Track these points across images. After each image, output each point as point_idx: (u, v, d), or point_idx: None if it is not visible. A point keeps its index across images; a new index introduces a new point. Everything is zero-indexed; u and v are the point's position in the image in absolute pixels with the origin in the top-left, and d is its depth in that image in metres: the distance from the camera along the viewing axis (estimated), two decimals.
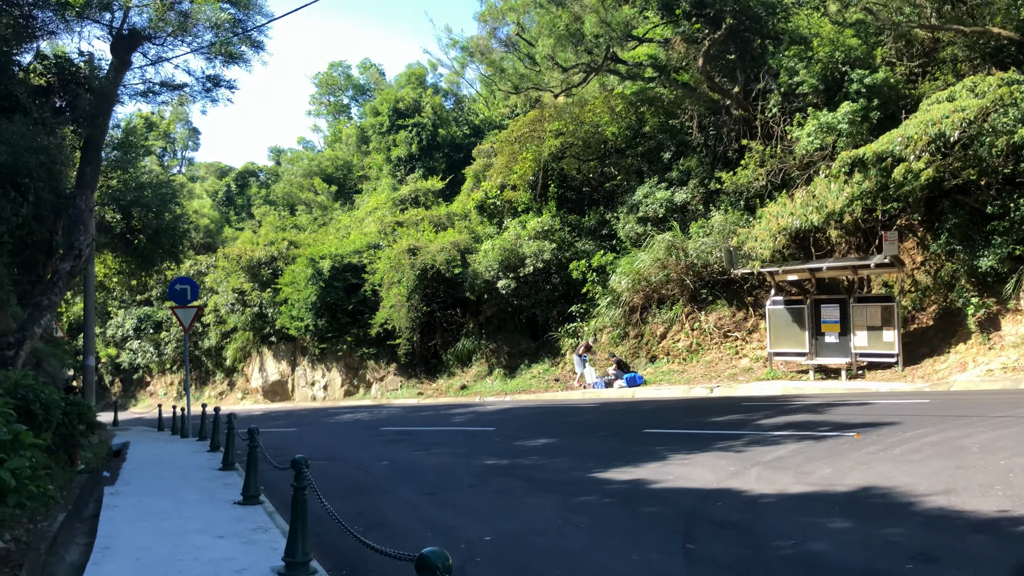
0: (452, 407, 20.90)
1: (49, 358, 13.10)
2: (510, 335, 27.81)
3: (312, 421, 20.36)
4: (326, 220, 41.27)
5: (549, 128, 27.35)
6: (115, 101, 12.05)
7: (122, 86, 12.23)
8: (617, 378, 22.98)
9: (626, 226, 24.80)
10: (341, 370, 31.57)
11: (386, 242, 31.43)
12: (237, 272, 33.62)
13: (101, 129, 11.06)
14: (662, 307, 23.28)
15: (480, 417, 16.76)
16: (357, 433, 15.96)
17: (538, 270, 25.84)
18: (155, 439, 17.64)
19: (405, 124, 42.57)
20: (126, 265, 23.28)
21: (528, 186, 28.72)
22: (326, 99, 64.87)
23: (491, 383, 26.69)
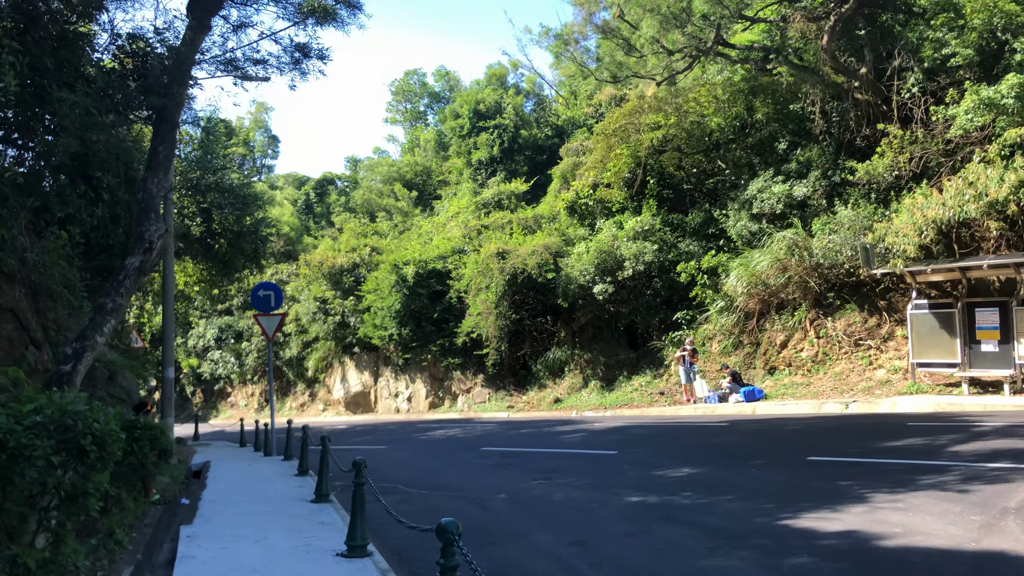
0: (553, 424, 19.07)
1: (124, 370, 11.80)
2: (606, 344, 25.86)
3: (401, 437, 18.81)
4: (407, 226, 40.06)
5: (645, 121, 25.36)
6: (192, 65, 10.69)
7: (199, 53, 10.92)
8: (732, 392, 20.82)
9: (737, 224, 22.61)
10: (425, 381, 30.10)
11: (471, 247, 29.89)
12: (319, 280, 32.56)
13: (176, 101, 9.76)
14: (782, 313, 21.01)
15: (593, 437, 14.88)
16: (456, 454, 14.26)
17: (638, 273, 23.85)
18: (237, 457, 16.33)
19: (486, 126, 41.13)
20: (206, 272, 22.25)
21: (623, 184, 26.78)
22: (402, 107, 64.22)
23: (587, 396, 24.79)
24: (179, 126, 9.87)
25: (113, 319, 7.29)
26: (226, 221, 19.30)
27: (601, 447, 13.10)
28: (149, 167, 8.39)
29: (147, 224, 7.83)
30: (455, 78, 61.29)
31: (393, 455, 15.00)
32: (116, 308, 7.23)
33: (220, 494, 10.19)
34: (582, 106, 44.17)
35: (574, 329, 26.49)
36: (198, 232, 19.09)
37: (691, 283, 23.08)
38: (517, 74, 45.70)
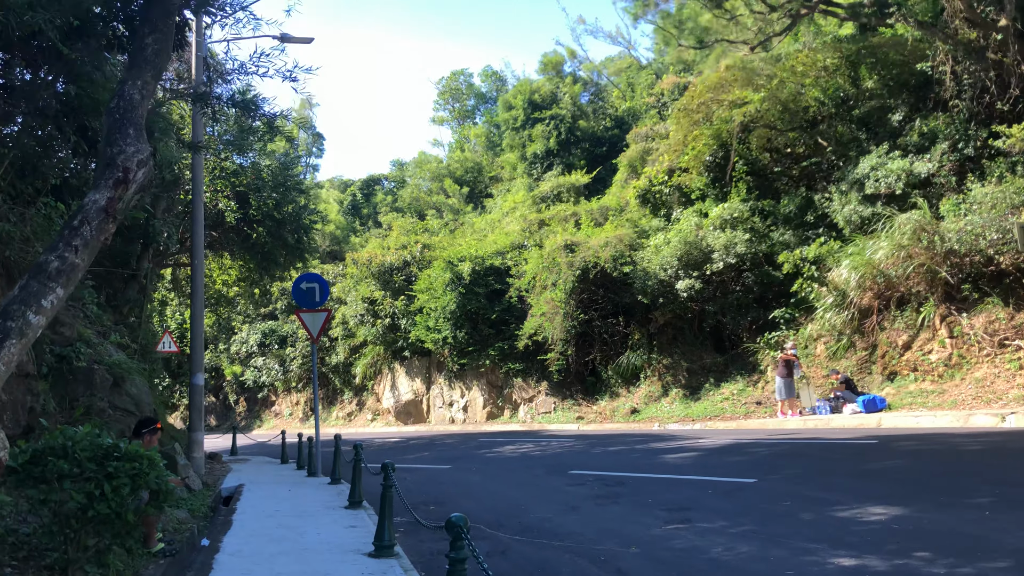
0: (641, 439, 16.30)
1: (133, 375, 9.38)
2: (689, 348, 22.99)
3: (465, 454, 16.21)
4: (458, 224, 37.61)
5: (728, 98, 22.47)
6: None
7: None
8: (846, 401, 17.85)
9: (845, 208, 19.63)
10: (483, 388, 27.50)
11: (531, 241, 27.27)
12: (367, 280, 30.19)
13: None
14: (904, 309, 17.97)
15: (707, 459, 12.09)
16: (540, 478, 11.60)
17: (729, 267, 20.98)
18: (277, 478, 13.88)
19: (541, 117, 38.53)
20: (245, 268, 19.96)
21: (704, 168, 23.91)
22: (449, 106, 62.08)
23: (669, 407, 21.95)
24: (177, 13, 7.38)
25: (60, 287, 4.83)
26: (265, 206, 16.96)
27: (727, 472, 10.32)
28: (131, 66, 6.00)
29: (121, 142, 5.37)
30: (502, 78, 59.00)
31: (462, 479, 12.38)
32: (65, 271, 4.79)
33: (247, 539, 7.65)
34: (642, 96, 41.38)
35: (651, 331, 23.67)
36: (233, 219, 16.75)
37: (792, 276, 20.16)
38: (573, 63, 43.05)
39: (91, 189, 5.31)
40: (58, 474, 4.65)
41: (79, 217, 5.06)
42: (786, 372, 17.66)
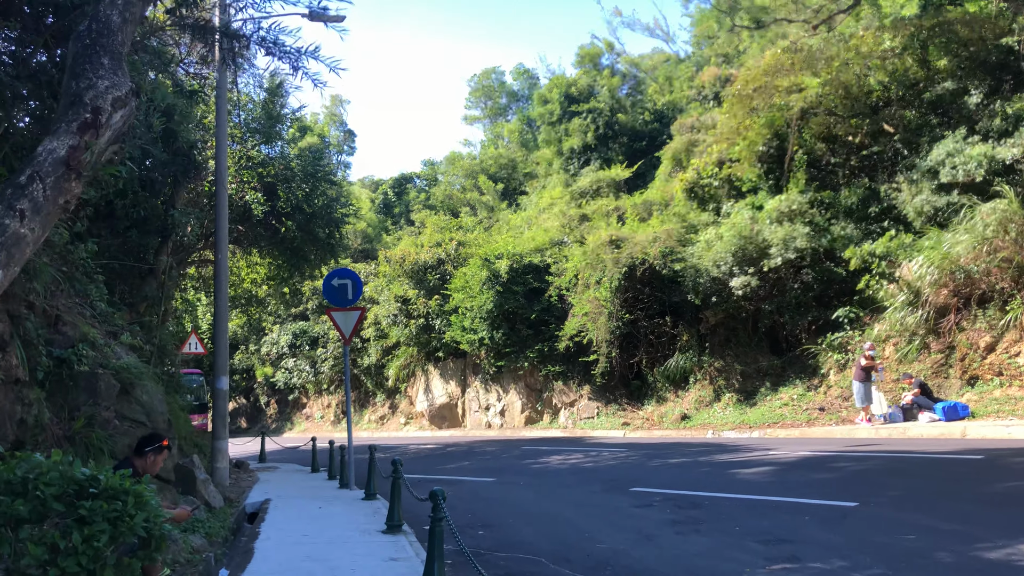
0: (703, 450, 14.96)
1: (145, 380, 8.27)
2: (743, 349, 21.56)
3: (509, 465, 14.98)
4: (493, 222, 36.38)
5: (782, 84, 21.01)
6: None
7: None
8: (922, 408, 16.38)
9: (916, 198, 18.12)
10: (521, 392, 26.27)
11: (572, 237, 26.00)
12: (400, 279, 29.08)
13: None
14: (986, 307, 16.43)
15: (785, 475, 10.75)
16: (599, 496, 10.33)
17: (787, 263, 19.55)
18: (306, 491, 12.76)
19: (579, 111, 37.17)
20: (273, 265, 18.91)
21: (757, 159, 22.46)
22: (481, 103, 61.00)
23: (722, 412, 20.57)
24: None
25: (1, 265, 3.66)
26: (294, 198, 15.86)
27: (817, 493, 8.98)
28: None
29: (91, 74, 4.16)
30: (534, 76, 57.76)
31: (510, 495, 11.16)
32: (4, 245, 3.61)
33: (274, 569, 6.48)
34: (682, 89, 39.92)
35: (701, 331, 22.28)
36: (260, 212, 15.67)
37: (857, 273, 18.72)
38: (611, 55, 41.63)
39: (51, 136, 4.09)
40: (13, 518, 3.49)
41: (28, 172, 3.84)
42: (864, 376, 16.20)
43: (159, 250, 11.58)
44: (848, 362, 18.89)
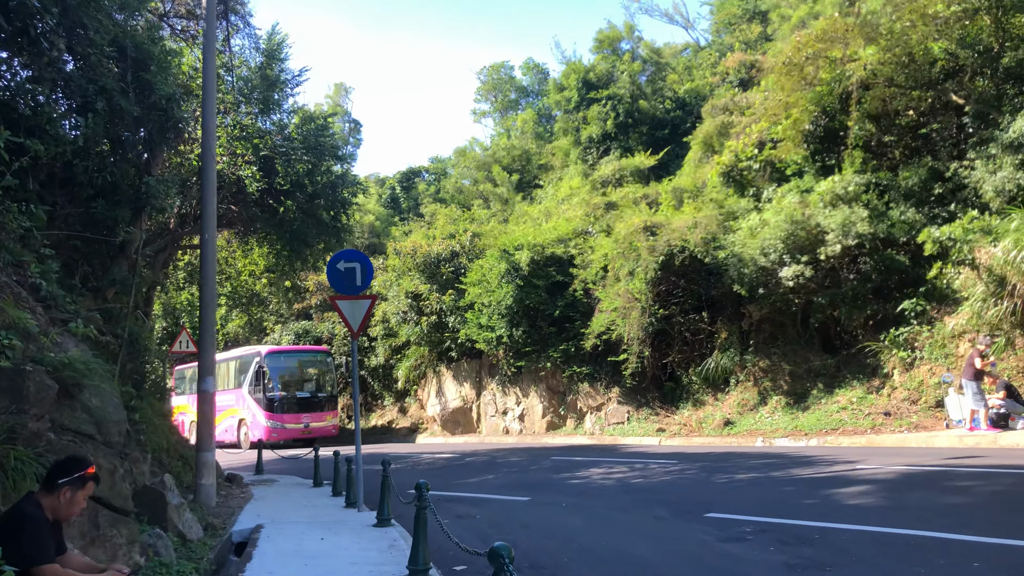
0: (771, 463, 12.93)
1: (94, 380, 6.31)
2: (791, 347, 19.50)
3: (542, 480, 12.94)
4: (507, 215, 34.36)
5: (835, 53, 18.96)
6: None
7: None
8: (1013, 413, 14.32)
9: (997, 175, 16.06)
10: (542, 395, 24.22)
11: (597, 227, 23.97)
12: (411, 273, 27.06)
13: None
14: None
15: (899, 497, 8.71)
16: (666, 524, 8.31)
17: (845, 250, 17.51)
18: (307, 513, 10.75)
19: (597, 97, 35.13)
20: (273, 254, 16.92)
21: (803, 138, 20.41)
22: (491, 96, 59.13)
23: (770, 417, 18.52)
24: None
25: None
26: (294, 173, 13.88)
27: (962, 526, 6.93)
28: None
29: None
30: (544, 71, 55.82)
31: (553, 520, 9.13)
32: None
33: None
34: (705, 76, 37.89)
35: (743, 328, 20.24)
36: (256, 189, 13.68)
37: (923, 260, 16.73)
38: (631, 40, 39.54)
39: None
40: None
41: None
42: (976, 374, 14.10)
43: (132, 224, 9.61)
44: (916, 360, 16.85)
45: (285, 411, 25.79)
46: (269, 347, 28.48)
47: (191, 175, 13.81)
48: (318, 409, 26.58)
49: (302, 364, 27.70)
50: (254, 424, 26.18)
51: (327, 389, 27.45)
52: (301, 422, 25.85)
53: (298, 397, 26.41)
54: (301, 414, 25.99)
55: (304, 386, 27.14)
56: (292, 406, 26.00)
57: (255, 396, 26.36)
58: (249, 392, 26.73)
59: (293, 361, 27.52)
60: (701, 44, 46.07)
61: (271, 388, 25.88)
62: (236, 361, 28.81)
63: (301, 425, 25.82)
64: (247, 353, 28.49)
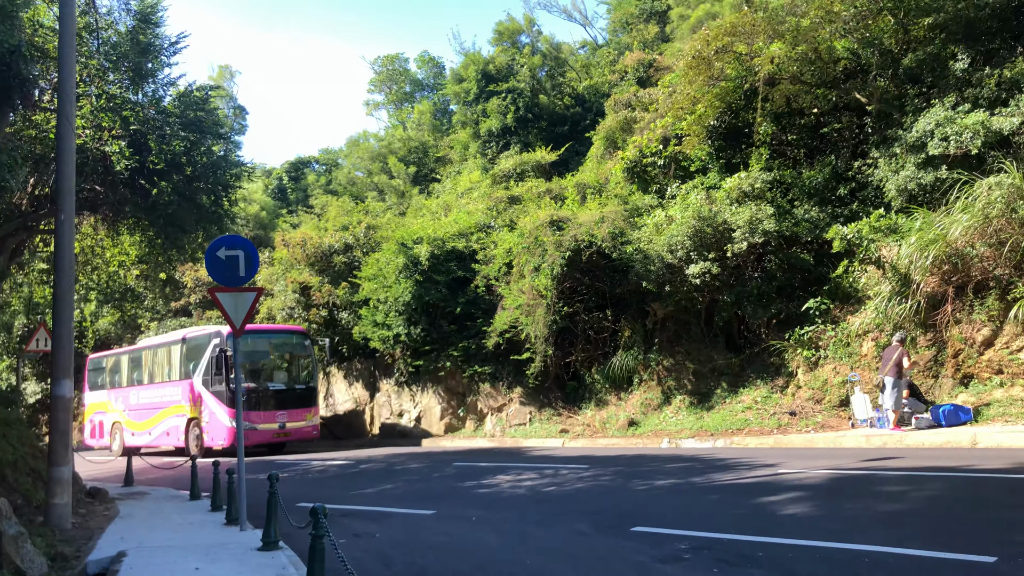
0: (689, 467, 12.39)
1: None
2: (695, 346, 19.22)
3: (447, 490, 11.96)
4: (404, 208, 33.12)
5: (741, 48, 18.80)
6: None
7: None
8: (914, 411, 14.33)
9: (900, 174, 16.14)
10: (440, 396, 23.20)
11: (499, 222, 23.15)
12: (300, 266, 25.48)
13: None
14: (983, 298, 14.52)
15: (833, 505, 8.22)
16: (591, 541, 7.51)
17: (752, 247, 17.31)
18: (182, 534, 9.40)
19: (498, 90, 34.38)
20: (146, 243, 15.23)
21: (707, 134, 20.21)
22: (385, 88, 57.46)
23: (674, 417, 18.16)
24: None
25: None
26: (169, 151, 12.37)
27: (913, 539, 6.41)
28: None
29: None
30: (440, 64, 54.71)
31: (465, 538, 8.18)
32: None
33: None
34: (603, 74, 37.78)
35: (647, 326, 19.83)
36: (125, 168, 12.10)
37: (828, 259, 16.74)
38: (531, 34, 38.98)
39: None
40: None
41: None
42: (899, 372, 13.92)
43: None
44: (820, 359, 16.79)
45: (255, 407, 20.59)
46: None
47: (49, 151, 12.14)
48: (296, 405, 21.49)
49: (274, 347, 22.51)
50: (213, 425, 21.08)
51: (305, 379, 22.40)
52: (276, 421, 20.79)
53: (271, 390, 21.44)
54: (275, 411, 20.95)
55: (276, 376, 22.13)
56: (264, 401, 21.02)
57: (213, 389, 21.12)
58: (204, 384, 21.55)
59: (263, 344, 22.20)
60: (599, 42, 46.14)
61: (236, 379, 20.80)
62: (181, 345, 23.23)
63: (275, 425, 20.77)
64: (198, 335, 22.91)
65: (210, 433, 21.18)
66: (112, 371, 26.89)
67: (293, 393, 21.76)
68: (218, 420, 20.85)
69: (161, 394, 23.52)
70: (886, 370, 13.93)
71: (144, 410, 24.12)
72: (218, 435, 20.87)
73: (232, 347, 17.24)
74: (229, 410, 20.11)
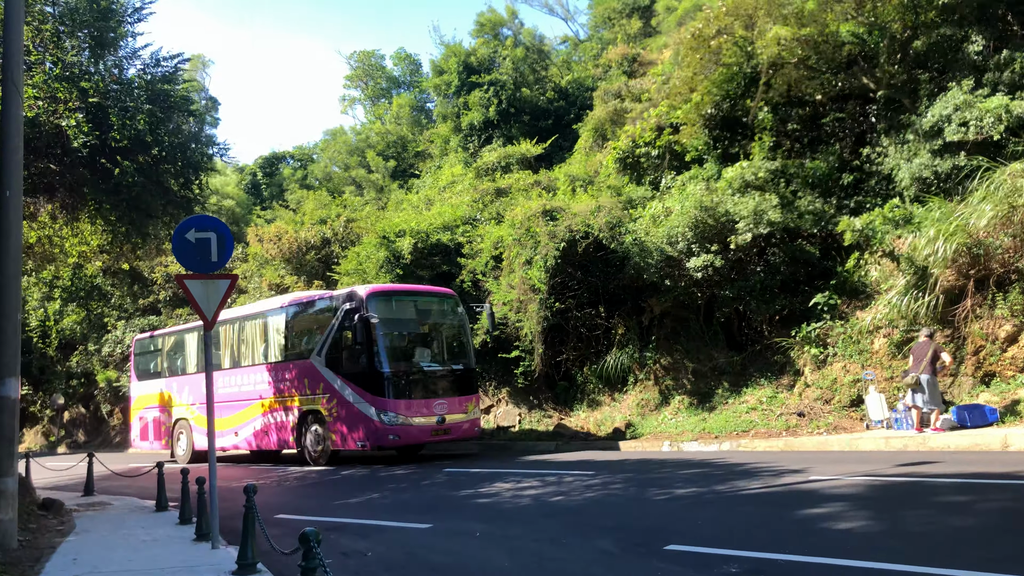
0: (698, 472, 11.44)
1: None
2: (694, 344, 18.32)
3: (441, 499, 10.89)
4: (384, 203, 31.93)
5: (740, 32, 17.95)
6: None
7: None
8: (933, 411, 13.47)
9: (913, 162, 15.35)
10: None
11: (486, 215, 22.12)
12: (275, 263, 24.23)
13: None
14: (1006, 292, 13.74)
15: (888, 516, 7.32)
16: (618, 562, 6.48)
17: (756, 240, 16.44)
18: (144, 555, 8.25)
19: (479, 82, 33.29)
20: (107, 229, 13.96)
21: (704, 123, 19.36)
22: (361, 84, 56.16)
23: (674, 419, 17.22)
24: None
25: None
26: (133, 128, 11.19)
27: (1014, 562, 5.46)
28: None
29: None
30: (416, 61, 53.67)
31: (464, 558, 7.13)
32: None
33: None
34: (587, 68, 36.90)
35: (643, 323, 18.90)
36: (83, 144, 10.90)
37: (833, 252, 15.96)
38: (514, 25, 37.94)
39: None
40: None
41: None
42: (934, 369, 13.03)
43: None
44: (828, 357, 15.94)
45: (408, 395, 15.64)
46: (371, 286, 16.99)
47: None
48: (455, 392, 16.45)
49: (421, 316, 17.28)
50: (347, 419, 15.82)
51: (462, 357, 17.17)
52: (434, 413, 15.71)
53: (425, 371, 16.23)
54: (433, 400, 15.87)
55: (425, 353, 16.79)
56: (419, 387, 15.92)
57: (348, 371, 15.85)
58: (330, 365, 16.25)
59: (409, 309, 17.00)
60: (580, 37, 45.29)
61: (383, 357, 15.43)
62: (284, 315, 17.82)
63: (433, 420, 15.65)
64: (318, 299, 17.59)
65: (343, 430, 15.92)
66: (172, 354, 21.52)
67: (452, 376, 16.61)
68: (357, 412, 15.54)
69: (254, 380, 18.13)
70: (921, 367, 12.99)
71: (226, 403, 18.46)
72: (357, 432, 15.57)
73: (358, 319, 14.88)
74: (373, 398, 15.30)
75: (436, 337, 17.29)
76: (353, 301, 15.81)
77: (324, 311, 16.92)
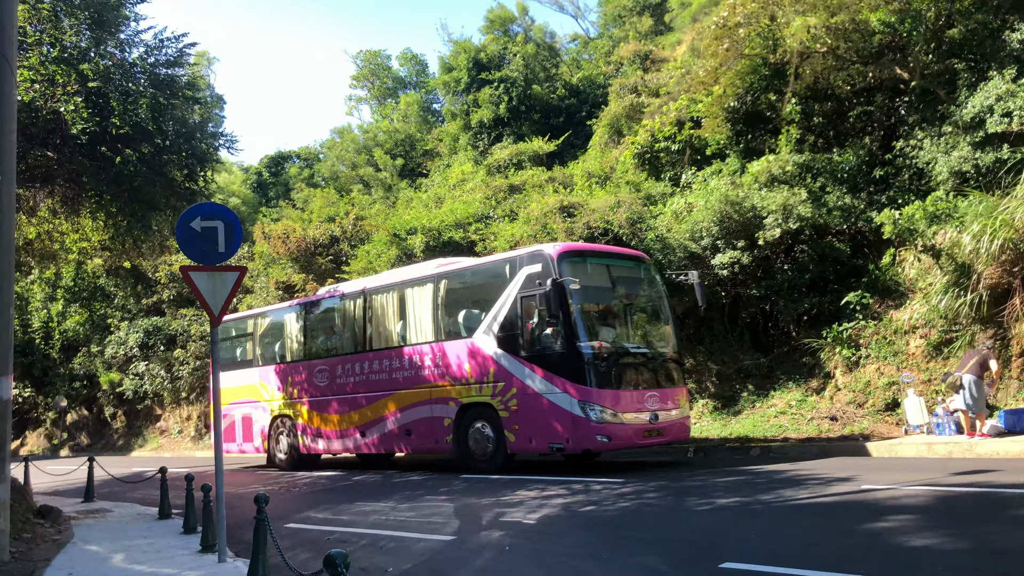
0: (735, 480, 10.74)
1: None
2: (718, 345, 17.66)
3: (460, 510, 10.21)
4: (392, 201, 31.30)
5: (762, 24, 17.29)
6: None
7: None
8: (975, 415, 12.76)
9: (951, 155, 14.65)
10: None
11: (498, 212, 21.47)
12: (282, 261, 23.59)
13: None
14: None
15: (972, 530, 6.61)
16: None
17: (785, 236, 15.75)
18: (143, 567, 7.61)
19: (490, 79, 32.74)
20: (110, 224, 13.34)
21: (726, 116, 18.70)
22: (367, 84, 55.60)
23: (697, 422, 16.54)
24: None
25: None
26: (135, 114, 10.55)
27: None
28: None
29: None
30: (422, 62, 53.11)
31: None
32: None
33: None
34: (598, 66, 36.26)
35: None
36: (82, 131, 10.27)
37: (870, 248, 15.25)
38: (523, 22, 37.36)
39: None
40: None
41: None
42: (981, 372, 12.33)
43: None
44: (860, 359, 15.24)
45: (618, 385, 12.10)
46: (560, 244, 13.13)
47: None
48: (666, 382, 12.82)
49: (617, 284, 13.55)
50: (533, 414, 12.18)
51: (668, 340, 13.70)
52: (645, 408, 12.08)
53: (633, 354, 12.78)
54: (644, 391, 12.31)
55: (630, 332, 13.45)
56: (629, 375, 12.43)
57: (533, 352, 12.28)
58: (505, 345, 12.63)
59: (604, 275, 13.26)
60: (591, 35, 44.68)
61: (583, 335, 11.90)
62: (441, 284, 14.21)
63: (645, 417, 12.00)
64: (486, 263, 14.52)
65: (528, 428, 12.28)
66: (268, 338, 18.22)
67: (661, 362, 13.08)
68: (548, 405, 11.96)
69: (390, 368, 14.65)
70: (966, 368, 12.30)
71: (346, 397, 15.57)
72: (551, 431, 11.96)
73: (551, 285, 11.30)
74: (575, 387, 11.65)
75: (635, 312, 13.76)
76: (539, 262, 12.26)
77: (494, 277, 13.41)
